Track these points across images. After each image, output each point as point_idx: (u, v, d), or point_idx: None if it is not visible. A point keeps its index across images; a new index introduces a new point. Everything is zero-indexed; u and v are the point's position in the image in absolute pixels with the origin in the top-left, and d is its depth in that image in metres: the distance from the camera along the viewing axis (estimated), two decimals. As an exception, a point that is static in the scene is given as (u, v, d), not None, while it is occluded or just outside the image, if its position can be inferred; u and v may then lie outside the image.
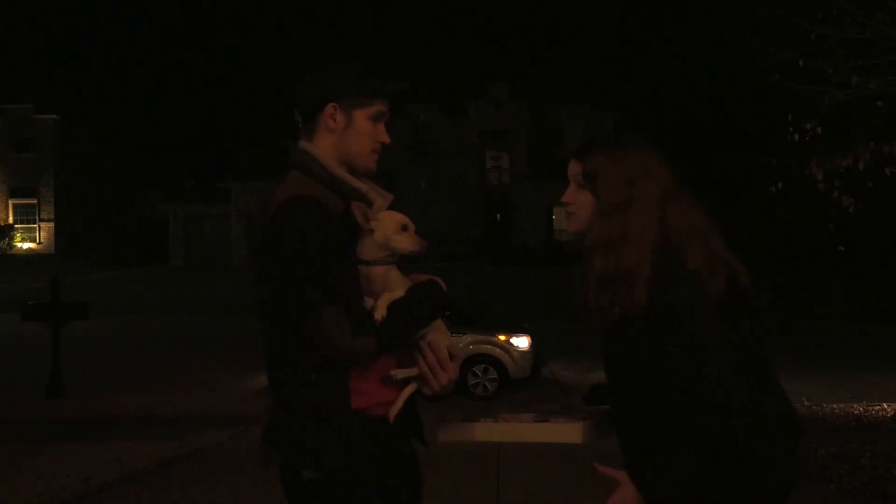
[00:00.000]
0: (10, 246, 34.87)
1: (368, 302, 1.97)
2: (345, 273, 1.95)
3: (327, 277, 1.90)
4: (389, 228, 2.02)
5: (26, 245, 35.65)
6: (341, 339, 1.88)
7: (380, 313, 1.93)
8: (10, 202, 36.28)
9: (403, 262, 2.10)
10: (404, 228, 2.03)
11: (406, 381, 2.06)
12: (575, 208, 2.08)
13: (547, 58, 35.07)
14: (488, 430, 9.04)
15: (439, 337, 2.09)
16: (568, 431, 9.06)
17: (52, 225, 36.14)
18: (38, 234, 36.15)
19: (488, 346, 11.26)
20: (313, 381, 1.94)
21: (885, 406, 9.53)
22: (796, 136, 7.11)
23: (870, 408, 9.47)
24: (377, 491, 1.98)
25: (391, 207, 2.16)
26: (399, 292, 2.00)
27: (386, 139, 2.12)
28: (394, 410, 2.01)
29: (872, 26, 6.69)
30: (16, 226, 35.80)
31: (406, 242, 2.03)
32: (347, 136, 2.07)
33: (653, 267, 1.87)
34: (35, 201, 36.16)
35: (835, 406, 9.74)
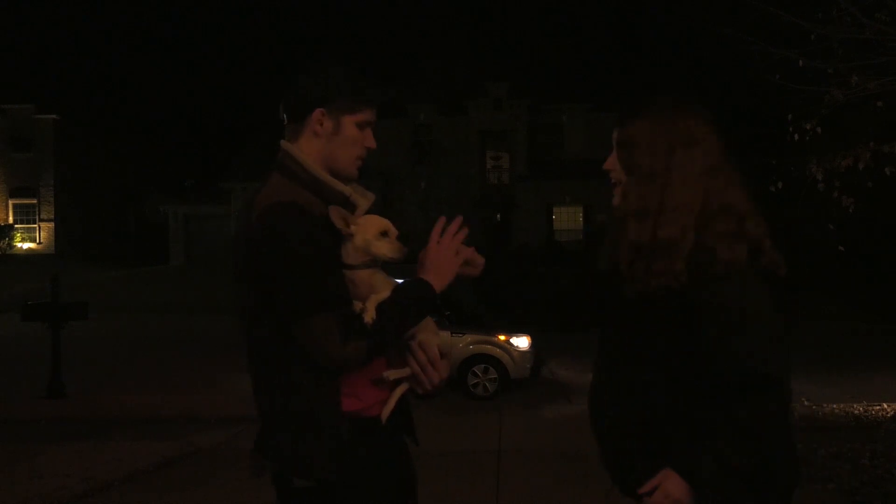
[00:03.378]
0: (10, 246, 34.84)
1: (357, 305, 1.95)
2: (331, 278, 1.92)
3: (314, 284, 1.87)
4: (370, 233, 1.99)
5: (26, 245, 35.63)
6: (332, 346, 1.86)
7: (369, 315, 1.90)
8: (10, 202, 36.25)
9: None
10: (384, 234, 2.00)
11: (398, 381, 2.06)
12: (617, 176, 1.97)
13: (547, 58, 34.97)
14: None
15: (430, 336, 2.08)
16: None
17: (52, 225, 36.11)
18: (38, 234, 36.13)
19: (488, 346, 11.26)
20: (303, 387, 1.92)
21: (885, 406, 9.53)
22: (796, 136, 7.11)
23: (870, 408, 9.46)
24: (370, 494, 1.97)
25: (373, 208, 2.14)
26: (385, 293, 1.98)
27: (372, 144, 2.09)
28: (386, 411, 2.01)
29: (872, 26, 6.69)
30: (16, 226, 35.75)
31: (385, 249, 1.99)
32: (334, 142, 2.04)
33: (696, 240, 1.79)
34: (35, 201, 36.12)
35: (835, 406, 9.74)
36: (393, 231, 2.02)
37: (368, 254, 1.99)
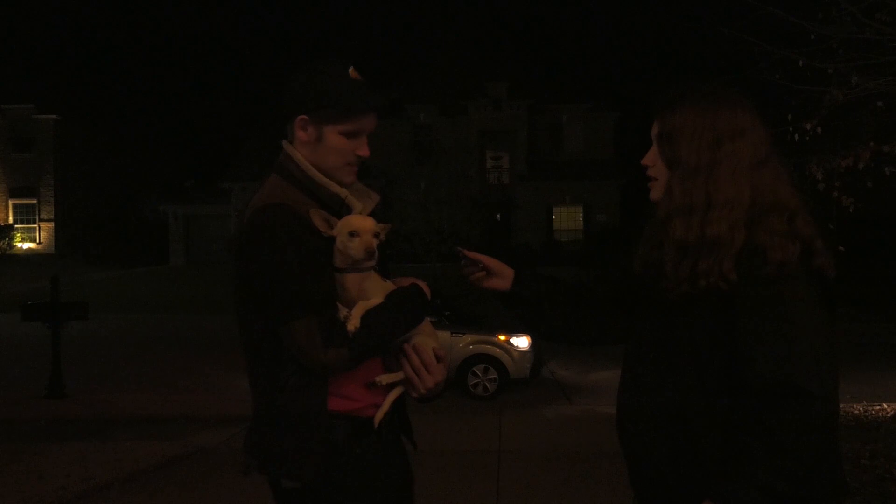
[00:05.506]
0: (10, 246, 34.86)
1: (342, 311, 1.91)
2: (319, 282, 1.90)
3: (299, 288, 1.85)
4: (343, 234, 1.93)
5: (26, 245, 35.64)
6: (313, 351, 1.84)
7: (353, 324, 1.87)
8: (10, 202, 36.27)
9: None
10: (353, 234, 1.93)
11: (392, 385, 2.02)
12: (655, 172, 1.85)
13: (547, 58, 35.11)
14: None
15: (425, 340, 2.04)
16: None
17: (52, 225, 36.13)
18: (38, 234, 36.15)
19: (488, 346, 11.26)
20: (291, 387, 1.91)
21: (885, 406, 9.52)
22: (796, 136, 7.10)
23: (870, 408, 9.46)
24: (361, 495, 1.95)
25: (377, 209, 2.10)
26: (376, 300, 1.94)
27: (364, 153, 2.02)
28: (379, 415, 1.98)
29: (872, 26, 6.69)
30: (16, 226, 35.79)
31: (353, 249, 1.93)
32: (318, 150, 2.00)
33: (746, 238, 1.67)
34: (35, 201, 36.15)
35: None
36: (365, 229, 1.94)
37: (347, 255, 1.94)
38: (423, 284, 2.06)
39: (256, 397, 2.02)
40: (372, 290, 1.96)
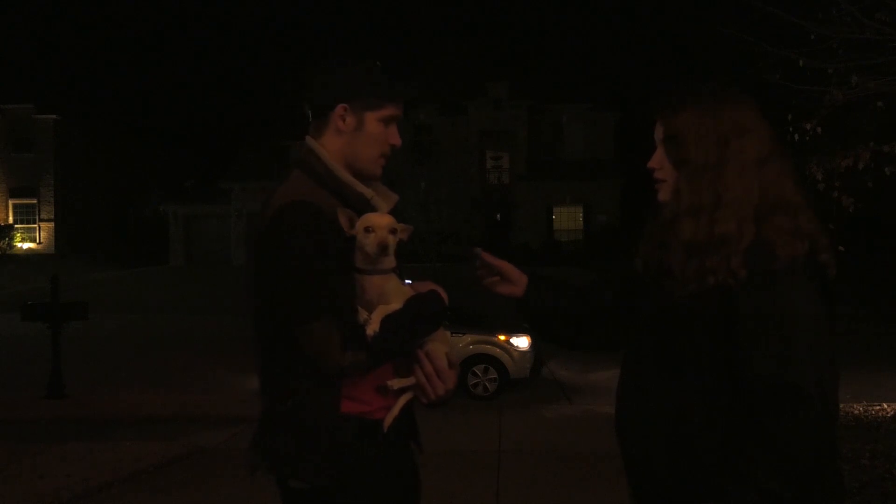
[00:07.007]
0: (10, 246, 34.84)
1: (363, 314, 1.90)
2: (341, 283, 1.88)
3: (320, 288, 1.84)
4: (359, 231, 1.93)
5: (26, 245, 35.62)
6: (330, 353, 1.83)
7: (372, 328, 1.86)
8: (10, 202, 36.24)
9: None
10: (368, 230, 1.93)
11: (403, 390, 2.01)
12: (664, 174, 1.84)
13: (547, 58, 35.02)
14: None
15: (438, 346, 2.03)
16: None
17: (52, 225, 36.10)
18: (38, 234, 36.12)
19: (488, 346, 11.26)
20: (303, 389, 1.89)
21: (885, 406, 9.52)
22: (796, 136, 7.10)
23: (870, 408, 9.46)
24: (369, 497, 1.94)
25: (392, 210, 2.09)
26: (395, 304, 1.93)
27: (397, 141, 2.05)
28: (389, 419, 1.97)
29: (872, 26, 6.70)
30: (16, 226, 35.75)
31: (368, 246, 1.92)
32: (357, 139, 2.00)
33: (755, 234, 1.67)
34: (35, 201, 36.12)
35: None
36: (381, 225, 1.93)
37: (364, 252, 1.94)
38: (441, 290, 2.04)
39: (265, 398, 1.99)
40: (392, 294, 1.95)
